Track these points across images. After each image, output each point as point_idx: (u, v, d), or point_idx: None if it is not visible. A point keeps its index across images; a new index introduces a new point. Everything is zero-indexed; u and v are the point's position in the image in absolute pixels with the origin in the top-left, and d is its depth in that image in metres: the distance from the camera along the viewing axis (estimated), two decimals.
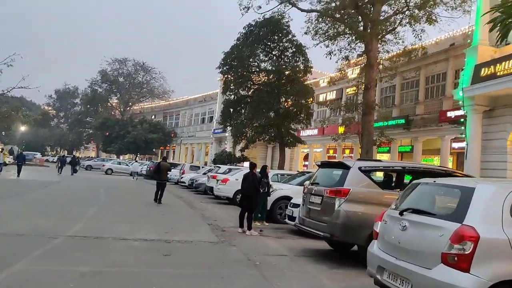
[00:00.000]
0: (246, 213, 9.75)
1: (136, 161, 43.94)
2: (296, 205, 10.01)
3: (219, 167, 19.76)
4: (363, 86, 28.52)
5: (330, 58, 21.80)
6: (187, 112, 55.17)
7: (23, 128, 50.62)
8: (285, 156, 29.07)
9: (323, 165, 8.32)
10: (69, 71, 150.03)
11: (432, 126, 24.76)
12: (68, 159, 37.01)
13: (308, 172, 12.95)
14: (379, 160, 7.86)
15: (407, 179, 7.09)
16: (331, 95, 35.96)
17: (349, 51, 22.76)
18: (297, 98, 27.63)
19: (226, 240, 8.48)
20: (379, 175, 7.91)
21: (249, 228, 9.53)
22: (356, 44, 22.97)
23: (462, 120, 19.77)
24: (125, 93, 58.88)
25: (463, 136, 22.56)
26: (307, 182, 12.07)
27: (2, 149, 36.23)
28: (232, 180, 16.61)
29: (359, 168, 6.88)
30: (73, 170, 32.77)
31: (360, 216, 6.54)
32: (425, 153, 26.41)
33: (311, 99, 29.02)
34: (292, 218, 9.99)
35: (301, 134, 32.95)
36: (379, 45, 22.00)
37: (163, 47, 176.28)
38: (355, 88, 33.59)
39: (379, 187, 6.84)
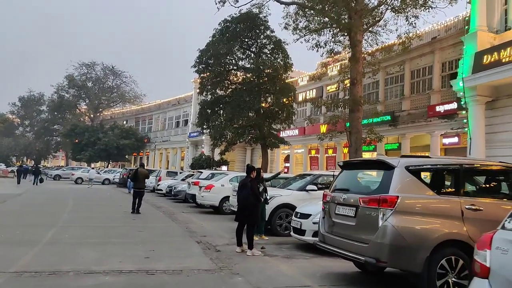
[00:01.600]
0: (246, 229, 7.83)
1: (93, 168, 42.12)
2: (304, 216, 8.17)
3: (201, 172, 17.70)
4: (349, 82, 27.28)
5: (317, 51, 20.17)
6: (161, 116, 52.50)
7: None
8: (268, 157, 27.28)
9: (350, 165, 6.47)
10: (34, 78, 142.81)
11: (420, 122, 23.62)
12: (32, 169, 34.15)
13: (309, 175, 11.16)
14: (427, 156, 6.10)
15: (465, 179, 5.38)
16: (311, 94, 34.52)
17: (334, 44, 21.17)
18: (278, 97, 25.91)
19: (225, 266, 6.53)
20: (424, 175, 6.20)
21: (250, 247, 7.61)
22: (340, 36, 21.49)
23: (459, 113, 18.64)
24: (94, 99, 55.48)
25: (455, 130, 21.61)
26: (310, 186, 10.34)
27: None
28: (217, 186, 14.64)
29: (407, 168, 5.11)
30: (37, 180, 30.40)
31: (416, 233, 4.76)
32: (413, 150, 25.21)
33: (292, 98, 27.34)
34: (300, 231, 8.15)
35: (281, 135, 31.22)
36: (365, 38, 20.64)
37: (133, 52, 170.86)
38: (336, 85, 32.38)
39: (435, 192, 5.09)
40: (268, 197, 9.70)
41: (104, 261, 6.51)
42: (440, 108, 22.13)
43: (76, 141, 50.01)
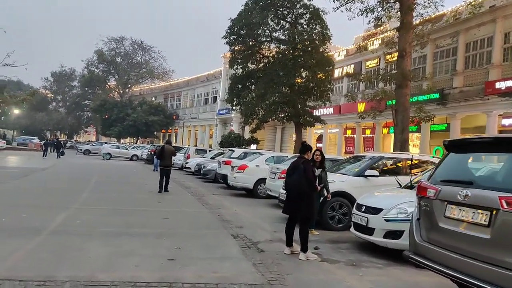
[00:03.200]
0: (298, 225, 6.01)
1: (106, 143, 41.57)
2: (372, 210, 6.25)
3: (232, 151, 15.95)
4: (392, 56, 24.62)
5: (366, 15, 17.70)
6: (189, 92, 51.04)
7: (16, 111, 46.76)
8: (302, 137, 25.24)
9: (464, 145, 4.38)
10: (65, 53, 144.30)
11: (476, 100, 20.91)
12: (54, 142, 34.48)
13: (366, 157, 9.14)
14: None
15: None
16: (349, 69, 31.91)
17: (383, 10, 18.60)
18: (315, 71, 23.60)
19: (275, 278, 4.74)
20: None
21: (304, 249, 5.78)
22: (387, 3, 18.90)
23: None
24: (123, 74, 54.50)
25: None
26: (369, 172, 8.35)
27: None
28: (251, 167, 12.87)
29: None
30: (59, 154, 30.50)
31: None
32: (464, 131, 22.57)
33: (330, 73, 24.94)
34: (365, 229, 6.25)
35: (314, 114, 28.99)
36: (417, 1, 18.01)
37: (162, 25, 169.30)
38: (377, 60, 29.69)
39: None
40: (328, 188, 7.71)
41: (115, 264, 4.86)
42: (501, 85, 19.39)
43: (106, 116, 49.47)
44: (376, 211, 6.15)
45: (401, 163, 8.67)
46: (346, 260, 5.83)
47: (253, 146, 29.95)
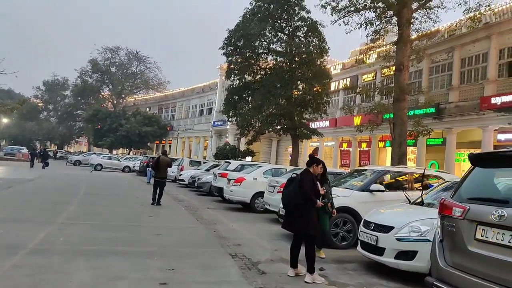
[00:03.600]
0: (304, 244, 5.50)
1: (95, 153, 41.27)
2: (382, 228, 5.78)
3: (229, 163, 15.43)
4: (389, 70, 24.51)
5: (365, 28, 17.59)
6: (184, 104, 50.57)
7: (5, 120, 45.81)
8: (298, 149, 24.84)
9: (490, 159, 3.83)
10: (58, 62, 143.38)
11: (471, 115, 20.78)
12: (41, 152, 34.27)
13: (369, 170, 8.70)
14: None
15: None
16: (345, 83, 31.78)
17: (382, 23, 18.49)
18: (312, 84, 23.32)
19: None
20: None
21: (311, 270, 5.27)
22: (385, 17, 18.84)
23: None
24: (118, 84, 53.89)
25: None
26: (375, 186, 7.90)
27: None
28: (248, 180, 12.37)
29: None
30: (44, 164, 30.20)
31: None
32: (460, 146, 22.37)
33: (327, 85, 24.68)
34: (374, 249, 5.77)
35: (310, 126, 28.60)
36: (415, 16, 17.96)
37: (159, 38, 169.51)
38: (373, 74, 29.59)
39: None
40: (329, 204, 6.96)
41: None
42: (496, 100, 19.27)
43: (98, 126, 48.72)
44: (386, 229, 5.68)
45: (407, 177, 8.25)
46: (355, 283, 5.33)
47: (248, 158, 29.47)
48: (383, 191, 7.72)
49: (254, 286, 4.83)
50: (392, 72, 26.52)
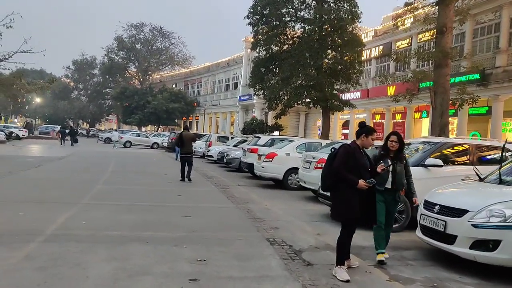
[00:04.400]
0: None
1: (116, 130, 41.86)
2: (453, 211, 4.77)
3: (258, 138, 14.54)
4: (431, 33, 22.66)
5: None
6: (210, 79, 49.72)
7: (38, 100, 46.57)
8: (329, 122, 23.62)
9: None
10: (86, 41, 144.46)
11: None
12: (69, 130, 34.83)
13: (424, 141, 7.58)
14: None
15: None
16: (377, 51, 29.92)
17: None
18: (343, 52, 21.82)
19: None
20: None
21: (337, 261, 4.34)
22: None
23: None
24: (143, 61, 53.49)
25: None
26: (431, 160, 6.81)
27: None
28: (281, 155, 11.47)
29: None
30: (72, 141, 30.66)
31: None
32: (507, 115, 20.56)
33: (360, 53, 23.06)
34: (442, 236, 4.79)
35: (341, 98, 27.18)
36: None
37: (180, 10, 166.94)
38: (408, 40, 27.60)
39: None
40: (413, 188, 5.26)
41: None
42: None
43: (126, 104, 48.80)
44: (458, 212, 4.67)
45: (470, 149, 7.10)
46: (423, 278, 4.40)
47: (276, 133, 28.54)
48: (441, 166, 6.64)
49: (301, 283, 4.00)
50: (430, 37, 24.65)
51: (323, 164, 8.42)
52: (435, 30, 18.02)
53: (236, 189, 11.19)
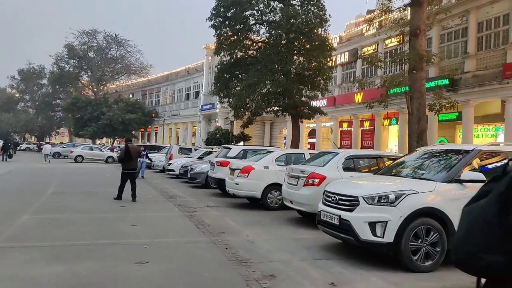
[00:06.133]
0: None
1: (48, 143, 39.12)
2: None
3: (229, 148, 12.51)
4: (398, 38, 21.90)
5: None
6: (169, 88, 47.06)
7: None
8: (299, 131, 22.06)
9: None
10: (34, 50, 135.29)
11: (493, 85, 18.31)
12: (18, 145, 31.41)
13: (447, 149, 5.96)
14: None
15: None
16: (344, 58, 29.03)
17: None
18: (312, 57, 20.42)
19: None
20: None
21: None
22: None
23: None
24: (97, 70, 49.76)
25: None
26: (468, 174, 5.16)
27: None
28: (258, 169, 9.55)
29: None
30: (6, 156, 28.00)
31: None
32: (478, 121, 19.99)
33: (329, 58, 21.82)
34: None
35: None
36: None
37: (136, 17, 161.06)
38: (374, 46, 26.88)
39: None
40: None
41: None
42: None
43: (79, 116, 44.97)
44: None
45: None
46: None
47: (240, 143, 26.65)
48: (483, 181, 5.00)
49: None
50: (397, 43, 24.08)
51: (316, 180, 6.59)
52: (402, 36, 17.10)
53: (205, 212, 9.10)
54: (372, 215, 4.97)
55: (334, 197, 5.52)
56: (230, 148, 12.38)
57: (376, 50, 26.32)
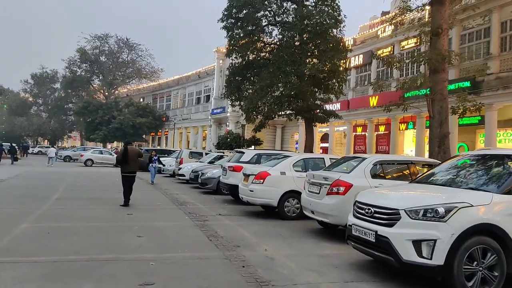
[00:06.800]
0: None
1: (53, 147, 38.66)
2: None
3: (242, 153, 11.78)
4: (415, 40, 21.00)
5: None
6: (180, 92, 46.66)
7: None
8: (313, 135, 21.26)
9: None
10: (47, 54, 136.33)
11: None
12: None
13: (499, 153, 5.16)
14: None
15: None
16: (357, 61, 28.19)
17: None
18: (327, 58, 19.62)
19: None
20: None
21: None
22: None
23: None
24: (108, 74, 49.65)
25: None
26: None
27: None
28: (274, 175, 8.80)
29: None
30: (13, 159, 27.90)
31: None
32: (500, 125, 18.99)
33: (345, 60, 21.02)
34: None
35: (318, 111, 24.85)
36: None
37: (147, 22, 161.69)
38: (390, 48, 26.02)
39: None
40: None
41: None
42: None
43: (90, 119, 44.80)
44: None
45: None
46: None
47: (251, 148, 25.92)
48: None
49: None
50: (414, 45, 23.19)
51: (341, 188, 5.81)
52: (420, 37, 16.20)
53: (218, 221, 8.37)
54: (417, 231, 4.19)
55: (369, 209, 4.75)
56: (243, 153, 11.65)
57: (392, 52, 25.45)
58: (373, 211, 4.69)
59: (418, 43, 21.82)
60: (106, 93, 51.15)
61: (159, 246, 5.99)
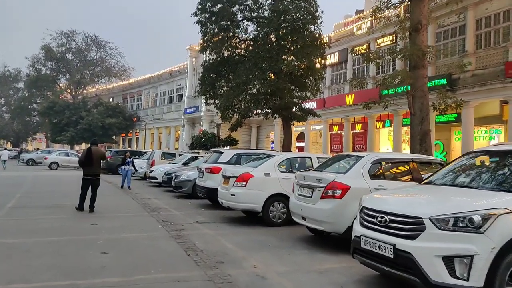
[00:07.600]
0: None
1: (6, 149, 36.29)
2: None
3: (220, 153, 10.76)
4: (391, 38, 20.75)
5: None
6: (151, 91, 44.92)
7: None
8: (291, 134, 20.52)
9: None
10: (9, 52, 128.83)
11: (495, 84, 17.29)
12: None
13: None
14: None
15: None
16: (332, 59, 27.73)
17: None
18: (305, 55, 18.91)
19: None
20: None
21: None
22: None
23: None
24: (76, 73, 47.14)
25: None
26: None
27: None
28: (258, 177, 7.87)
29: None
30: None
31: None
32: (478, 122, 18.90)
33: (322, 57, 20.42)
34: None
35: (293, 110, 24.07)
36: None
37: (118, 20, 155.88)
38: (366, 46, 25.65)
39: None
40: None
41: None
42: None
43: (56, 120, 42.33)
44: None
45: None
46: None
47: (226, 148, 24.92)
48: None
49: None
50: (389, 42, 22.93)
51: (337, 191, 5.02)
52: (396, 34, 15.78)
53: (195, 230, 7.36)
54: (448, 246, 3.38)
55: (382, 217, 3.92)
56: (222, 152, 10.63)
57: (367, 49, 25.12)
58: (387, 219, 3.86)
59: (394, 41, 21.62)
60: (74, 93, 48.61)
61: (127, 266, 4.93)
